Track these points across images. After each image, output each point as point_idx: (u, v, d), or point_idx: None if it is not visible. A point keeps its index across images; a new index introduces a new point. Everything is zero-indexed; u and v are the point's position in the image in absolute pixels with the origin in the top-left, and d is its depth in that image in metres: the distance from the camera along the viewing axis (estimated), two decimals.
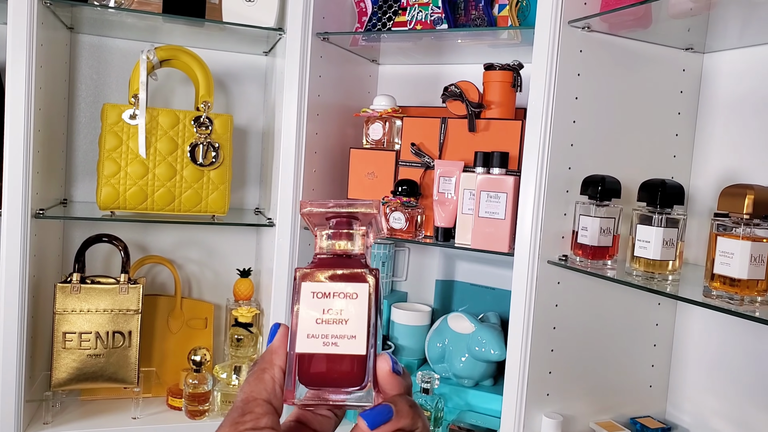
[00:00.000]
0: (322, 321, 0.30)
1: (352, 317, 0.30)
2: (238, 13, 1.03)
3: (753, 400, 0.84)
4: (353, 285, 0.31)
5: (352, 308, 0.30)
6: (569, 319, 0.88)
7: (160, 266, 1.21)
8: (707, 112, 0.92)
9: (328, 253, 0.32)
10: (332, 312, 0.30)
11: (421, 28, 1.02)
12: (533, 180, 0.84)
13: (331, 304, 0.30)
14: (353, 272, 0.31)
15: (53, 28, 1.02)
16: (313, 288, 0.31)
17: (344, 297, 0.30)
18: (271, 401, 0.29)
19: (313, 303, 0.30)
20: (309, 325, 0.30)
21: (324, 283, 0.31)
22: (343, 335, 0.30)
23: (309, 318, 0.30)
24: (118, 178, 1.00)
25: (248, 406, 0.29)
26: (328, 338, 0.30)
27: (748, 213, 0.63)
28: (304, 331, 0.30)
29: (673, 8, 0.75)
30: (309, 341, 0.30)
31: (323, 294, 0.30)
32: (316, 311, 0.30)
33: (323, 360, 0.30)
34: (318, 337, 0.30)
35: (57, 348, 0.99)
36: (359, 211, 0.32)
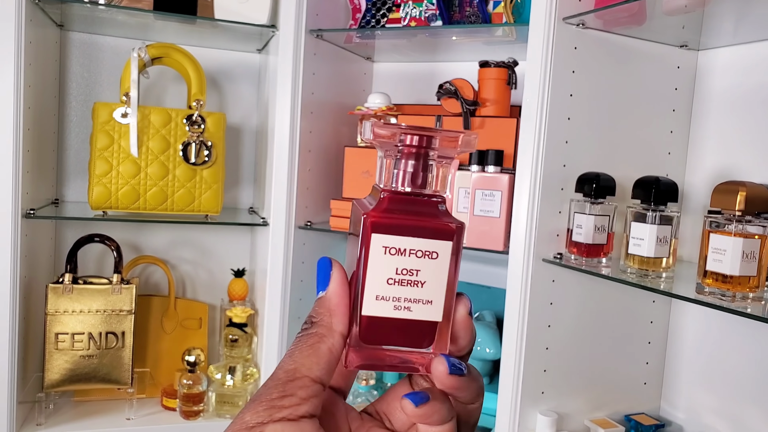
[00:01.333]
0: (394, 282, 0.25)
1: (429, 279, 0.26)
2: (231, 10, 1.02)
3: (746, 396, 0.84)
4: (434, 243, 0.25)
5: (431, 269, 0.26)
6: (564, 317, 0.88)
7: (154, 266, 1.20)
8: (702, 109, 0.92)
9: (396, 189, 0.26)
10: (407, 272, 0.25)
11: (416, 25, 1.01)
12: (528, 178, 0.84)
13: (406, 262, 0.25)
14: (436, 225, 0.25)
15: (42, 25, 1.01)
16: (386, 242, 0.25)
17: (422, 255, 0.25)
18: (322, 379, 0.24)
19: (385, 259, 0.25)
20: (379, 285, 0.25)
21: (399, 237, 0.25)
22: (418, 299, 0.26)
23: (379, 276, 0.25)
24: (110, 177, 0.99)
25: (291, 386, 0.24)
26: (400, 301, 0.26)
27: (740, 210, 0.64)
28: (372, 291, 0.25)
29: (668, 5, 0.74)
30: (378, 303, 0.25)
31: (398, 250, 0.25)
32: (389, 269, 0.25)
33: (392, 324, 0.26)
34: (389, 300, 0.26)
35: (49, 349, 0.98)
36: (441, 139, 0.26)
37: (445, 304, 0.26)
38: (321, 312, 0.26)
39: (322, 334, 0.25)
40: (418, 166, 0.26)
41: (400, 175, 0.26)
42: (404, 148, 0.26)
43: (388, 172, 0.27)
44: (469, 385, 0.26)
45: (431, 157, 0.26)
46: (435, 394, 0.25)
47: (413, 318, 0.26)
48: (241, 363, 1.09)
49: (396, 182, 0.26)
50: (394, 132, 0.26)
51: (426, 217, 0.26)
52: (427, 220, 0.26)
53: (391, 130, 0.26)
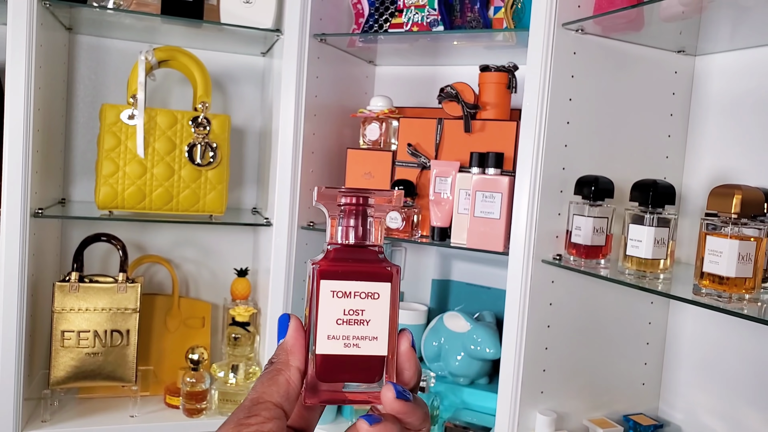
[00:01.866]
0: (342, 322, 0.29)
1: (373, 317, 0.29)
2: (236, 14, 1.04)
3: (743, 396, 0.85)
4: (375, 284, 0.29)
5: (374, 308, 0.29)
6: (563, 317, 0.89)
7: (158, 265, 1.22)
8: (699, 113, 0.94)
9: (341, 243, 0.30)
10: (353, 312, 0.29)
11: (418, 29, 1.03)
12: (528, 180, 0.85)
13: (352, 303, 0.29)
14: (374, 270, 0.29)
15: (52, 28, 1.03)
16: (333, 287, 0.29)
17: (365, 297, 0.29)
18: (282, 405, 0.28)
19: (333, 302, 0.29)
20: (329, 326, 0.29)
21: (344, 282, 0.29)
22: (365, 336, 0.29)
23: (329, 318, 0.29)
24: (117, 177, 1.01)
25: (256, 408, 0.27)
26: (349, 339, 0.29)
27: (736, 212, 0.65)
28: (324, 331, 0.29)
29: (665, 11, 0.76)
30: (330, 342, 0.29)
31: (344, 294, 0.29)
32: (337, 311, 0.29)
33: (343, 361, 0.29)
34: (339, 339, 0.29)
35: (55, 346, 1.00)
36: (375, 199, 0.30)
37: (389, 339, 0.29)
38: (279, 353, 0.30)
39: (280, 368, 0.29)
40: (357, 222, 0.30)
41: (342, 231, 0.30)
42: (345, 207, 0.30)
43: (333, 229, 0.30)
44: (415, 410, 0.28)
45: (369, 214, 0.30)
46: (387, 418, 0.28)
47: (362, 354, 0.29)
48: (243, 361, 1.10)
49: (341, 237, 0.30)
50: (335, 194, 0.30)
51: (367, 263, 0.29)
52: (368, 266, 0.29)
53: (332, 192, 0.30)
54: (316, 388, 0.29)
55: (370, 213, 0.30)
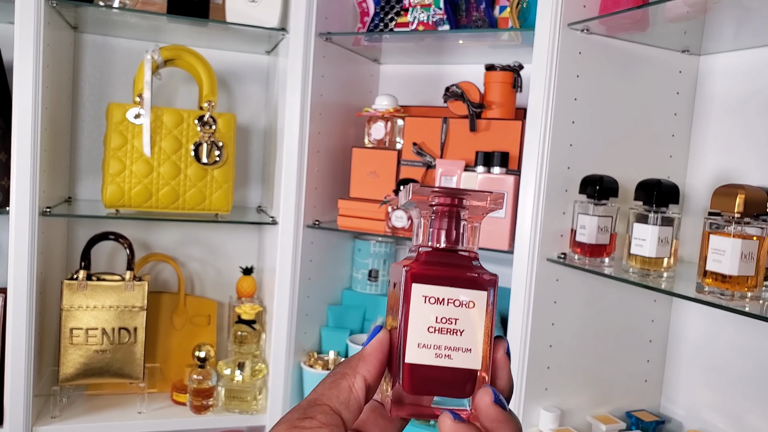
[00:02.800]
0: (435, 330, 0.27)
1: (467, 328, 0.27)
2: (242, 13, 1.04)
3: (745, 393, 0.86)
4: (471, 292, 0.27)
5: (468, 318, 0.27)
6: (567, 315, 0.90)
7: (163, 264, 1.23)
8: (703, 113, 0.94)
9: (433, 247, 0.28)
10: (446, 321, 0.27)
11: (423, 29, 1.03)
12: (533, 179, 0.86)
13: (445, 311, 0.27)
14: (471, 277, 0.27)
15: (58, 27, 1.03)
16: (426, 292, 0.27)
17: (460, 305, 0.27)
18: (341, 412, 0.26)
19: (426, 308, 0.27)
20: (420, 333, 0.27)
21: (438, 287, 0.27)
22: (458, 347, 0.27)
23: (421, 324, 0.27)
24: (123, 176, 1.01)
25: (312, 410, 0.25)
26: (441, 349, 0.27)
27: (739, 212, 0.66)
28: (414, 339, 0.27)
29: (671, 12, 0.76)
30: (420, 351, 0.27)
31: (437, 300, 0.27)
32: (429, 318, 0.27)
33: (434, 371, 0.27)
34: (430, 348, 0.27)
35: (64, 344, 1.01)
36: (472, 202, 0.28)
37: (483, 352, 0.27)
38: (351, 358, 0.28)
39: (345, 372, 0.27)
40: (451, 224, 0.28)
41: (435, 234, 0.28)
42: (438, 209, 0.28)
43: (425, 231, 0.29)
44: (509, 423, 0.26)
45: (463, 216, 0.29)
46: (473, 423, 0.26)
47: (453, 366, 0.27)
48: (249, 359, 1.11)
49: (432, 240, 0.28)
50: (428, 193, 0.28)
51: (462, 269, 0.27)
52: (464, 272, 0.27)
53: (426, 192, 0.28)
54: (402, 401, 0.27)
55: (464, 216, 0.28)
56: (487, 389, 0.26)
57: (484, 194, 0.28)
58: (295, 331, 1.09)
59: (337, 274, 1.21)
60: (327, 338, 1.16)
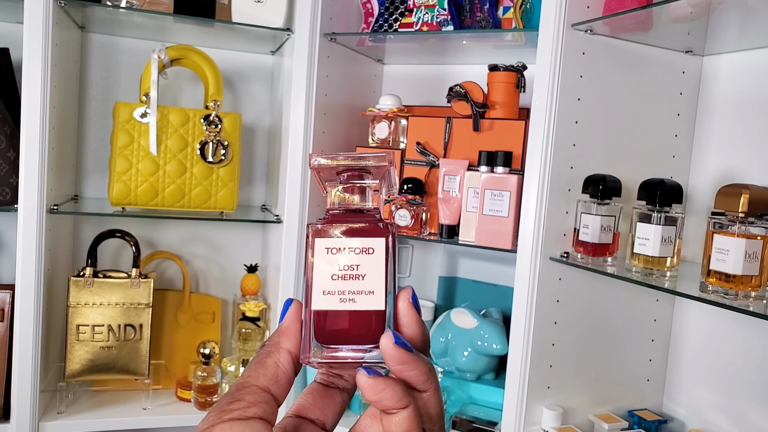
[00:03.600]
0: (338, 277, 0.28)
1: (369, 273, 0.29)
2: (248, 14, 1.05)
3: (747, 392, 0.86)
4: (368, 240, 0.29)
5: (369, 263, 0.29)
6: (570, 314, 0.91)
7: (168, 261, 1.24)
8: (706, 113, 0.95)
9: (339, 209, 0.30)
10: (348, 268, 0.29)
11: (428, 29, 1.04)
12: (536, 179, 0.86)
13: (346, 259, 0.29)
14: (368, 226, 0.29)
15: (66, 27, 1.04)
16: (327, 243, 0.29)
17: (360, 252, 0.29)
18: (269, 388, 0.27)
19: (328, 258, 0.29)
20: (324, 281, 0.28)
21: (338, 238, 0.29)
22: (361, 291, 0.28)
23: (324, 273, 0.28)
24: (130, 174, 1.02)
25: (239, 393, 0.26)
26: (345, 294, 0.28)
27: (743, 212, 0.66)
28: (319, 287, 0.28)
29: (675, 12, 0.77)
30: (325, 298, 0.28)
31: (337, 249, 0.29)
32: (332, 266, 0.29)
33: (340, 317, 0.28)
34: (334, 294, 0.28)
35: (71, 340, 1.02)
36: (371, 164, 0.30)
37: (386, 294, 0.28)
38: (272, 336, 0.29)
39: (270, 350, 0.28)
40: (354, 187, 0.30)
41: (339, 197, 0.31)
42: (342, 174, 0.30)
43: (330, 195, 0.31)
44: (417, 363, 0.27)
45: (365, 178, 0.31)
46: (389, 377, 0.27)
47: (359, 309, 0.28)
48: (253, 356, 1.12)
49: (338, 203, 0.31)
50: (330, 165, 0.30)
51: (362, 222, 0.30)
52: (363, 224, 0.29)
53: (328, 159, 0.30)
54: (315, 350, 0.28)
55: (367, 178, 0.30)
56: (388, 332, 0.27)
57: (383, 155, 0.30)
58: None
59: None
60: None
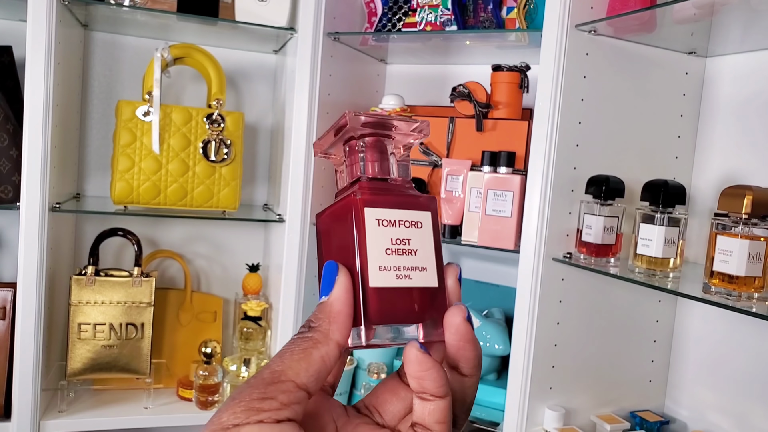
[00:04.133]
0: (392, 252, 0.26)
1: (420, 247, 0.27)
2: (251, 12, 1.05)
3: (749, 394, 0.86)
4: (417, 213, 0.27)
5: (419, 237, 0.27)
6: (572, 315, 0.91)
7: (170, 260, 1.23)
8: (709, 114, 0.95)
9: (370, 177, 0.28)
10: (400, 242, 0.27)
11: (431, 29, 1.04)
12: (539, 179, 0.86)
13: (398, 232, 0.27)
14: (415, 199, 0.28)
15: (69, 25, 1.04)
16: (378, 215, 0.26)
17: (410, 226, 0.27)
18: (308, 387, 0.23)
19: (380, 231, 0.26)
20: (380, 256, 0.26)
21: (388, 210, 0.27)
22: (415, 267, 0.27)
23: (379, 247, 0.26)
24: (132, 173, 1.02)
25: (273, 389, 0.22)
26: (400, 270, 0.26)
27: (746, 213, 0.66)
28: (375, 262, 0.26)
29: (678, 14, 0.77)
30: (382, 274, 0.26)
31: (389, 222, 0.27)
32: (385, 240, 0.26)
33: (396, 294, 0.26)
34: (390, 270, 0.26)
35: (72, 338, 1.02)
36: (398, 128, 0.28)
37: (438, 269, 0.27)
38: (321, 318, 0.25)
39: (318, 340, 0.24)
40: (384, 155, 0.29)
41: (370, 165, 0.28)
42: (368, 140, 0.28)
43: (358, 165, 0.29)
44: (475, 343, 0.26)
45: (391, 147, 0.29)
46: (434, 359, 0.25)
47: (414, 285, 0.26)
48: (255, 355, 1.12)
49: (367, 171, 0.28)
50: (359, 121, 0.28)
51: (403, 193, 0.28)
52: (406, 195, 0.28)
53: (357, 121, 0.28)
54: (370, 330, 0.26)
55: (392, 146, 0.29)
56: (460, 307, 0.26)
57: (411, 122, 0.28)
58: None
59: None
60: None
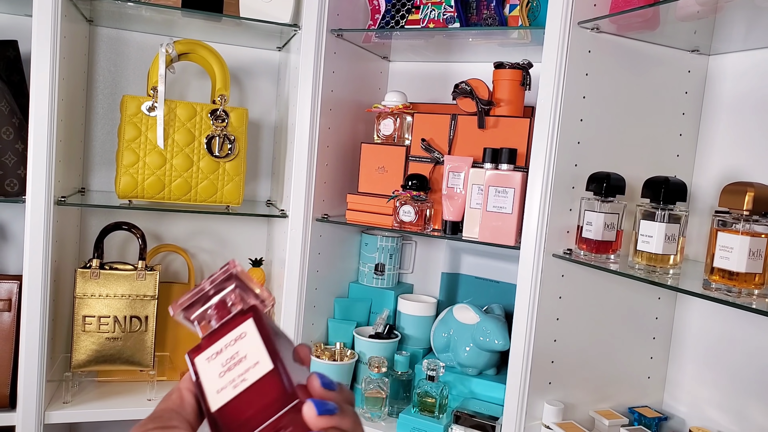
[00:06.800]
0: (225, 371, 0.31)
1: (248, 350, 0.31)
2: (255, 9, 1.06)
3: (747, 390, 0.87)
4: (237, 329, 0.32)
5: (246, 344, 0.31)
6: (572, 311, 0.91)
7: (174, 255, 1.24)
8: (711, 112, 0.95)
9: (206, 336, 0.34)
10: (231, 359, 0.31)
11: (434, 26, 1.04)
12: (540, 176, 0.87)
13: (226, 354, 0.31)
14: (232, 322, 0.32)
15: (74, 20, 1.05)
16: (206, 355, 0.32)
17: (234, 341, 0.32)
18: (180, 412, 0.30)
19: (211, 366, 0.31)
20: (214, 383, 0.31)
21: (212, 345, 0.32)
22: (248, 368, 0.30)
23: (212, 377, 0.31)
24: (137, 167, 1.03)
25: (160, 417, 0.29)
26: (236, 380, 0.30)
27: (747, 209, 0.66)
28: (212, 389, 0.30)
29: (681, 11, 0.77)
30: (220, 394, 0.30)
31: (216, 353, 0.32)
32: (217, 368, 0.31)
33: (239, 402, 0.29)
34: (227, 387, 0.30)
35: (77, 331, 1.03)
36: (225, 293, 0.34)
37: (269, 352, 0.30)
38: None
39: (171, 392, 0.31)
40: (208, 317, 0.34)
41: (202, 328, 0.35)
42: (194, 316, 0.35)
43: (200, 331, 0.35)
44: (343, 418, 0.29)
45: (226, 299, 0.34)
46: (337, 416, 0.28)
47: (252, 381, 0.30)
48: None
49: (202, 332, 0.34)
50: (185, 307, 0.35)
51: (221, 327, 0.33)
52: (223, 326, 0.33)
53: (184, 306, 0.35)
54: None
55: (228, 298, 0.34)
56: (308, 404, 0.28)
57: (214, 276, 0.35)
58: (302, 321, 1.10)
59: (345, 267, 1.22)
60: (334, 330, 1.18)
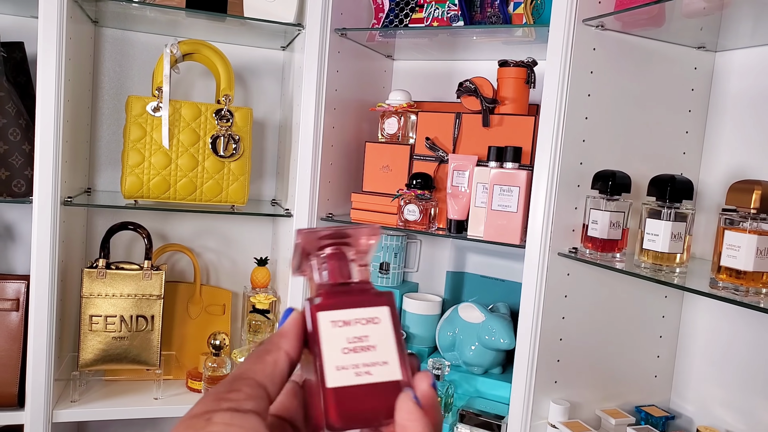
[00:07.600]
0: (349, 350, 0.28)
1: (379, 343, 0.28)
2: (259, 9, 1.06)
3: (755, 389, 0.86)
4: (373, 309, 0.29)
5: (377, 333, 0.28)
6: (578, 309, 0.91)
7: (179, 254, 1.25)
8: (717, 109, 0.94)
9: (330, 284, 0.30)
10: (357, 339, 0.28)
11: (438, 25, 1.04)
12: (545, 174, 0.87)
13: (354, 331, 0.28)
14: (370, 296, 0.29)
15: (80, 21, 1.05)
16: (332, 317, 0.28)
17: (367, 323, 0.28)
18: (266, 386, 0.27)
19: (335, 332, 0.28)
20: (336, 357, 0.27)
21: (342, 311, 0.28)
22: (375, 362, 0.28)
23: (334, 349, 0.28)
24: (142, 168, 1.03)
25: (237, 384, 0.26)
26: (359, 367, 0.27)
27: (755, 208, 0.66)
28: (332, 362, 0.27)
29: (687, 7, 0.76)
30: (339, 373, 0.27)
31: (344, 322, 0.28)
32: (340, 341, 0.28)
33: (356, 392, 0.27)
34: (348, 368, 0.27)
35: (84, 330, 1.03)
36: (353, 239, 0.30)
37: (401, 362, 0.28)
38: (272, 336, 0.29)
39: (269, 348, 0.28)
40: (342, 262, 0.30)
41: (327, 274, 0.30)
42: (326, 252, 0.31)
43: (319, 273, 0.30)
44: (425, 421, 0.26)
45: (349, 253, 0.31)
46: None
47: (375, 381, 0.27)
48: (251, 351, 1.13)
49: (324, 279, 0.30)
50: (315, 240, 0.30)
51: (360, 292, 0.30)
52: (362, 294, 0.29)
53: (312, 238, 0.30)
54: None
55: (351, 252, 0.31)
56: (426, 374, 0.27)
57: (360, 228, 0.30)
58: None
59: None
60: None
